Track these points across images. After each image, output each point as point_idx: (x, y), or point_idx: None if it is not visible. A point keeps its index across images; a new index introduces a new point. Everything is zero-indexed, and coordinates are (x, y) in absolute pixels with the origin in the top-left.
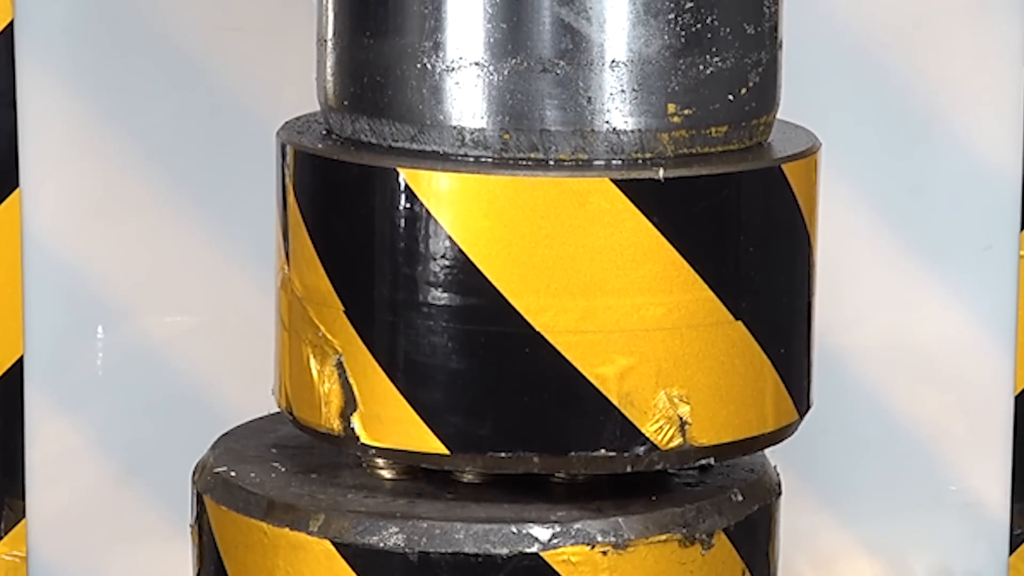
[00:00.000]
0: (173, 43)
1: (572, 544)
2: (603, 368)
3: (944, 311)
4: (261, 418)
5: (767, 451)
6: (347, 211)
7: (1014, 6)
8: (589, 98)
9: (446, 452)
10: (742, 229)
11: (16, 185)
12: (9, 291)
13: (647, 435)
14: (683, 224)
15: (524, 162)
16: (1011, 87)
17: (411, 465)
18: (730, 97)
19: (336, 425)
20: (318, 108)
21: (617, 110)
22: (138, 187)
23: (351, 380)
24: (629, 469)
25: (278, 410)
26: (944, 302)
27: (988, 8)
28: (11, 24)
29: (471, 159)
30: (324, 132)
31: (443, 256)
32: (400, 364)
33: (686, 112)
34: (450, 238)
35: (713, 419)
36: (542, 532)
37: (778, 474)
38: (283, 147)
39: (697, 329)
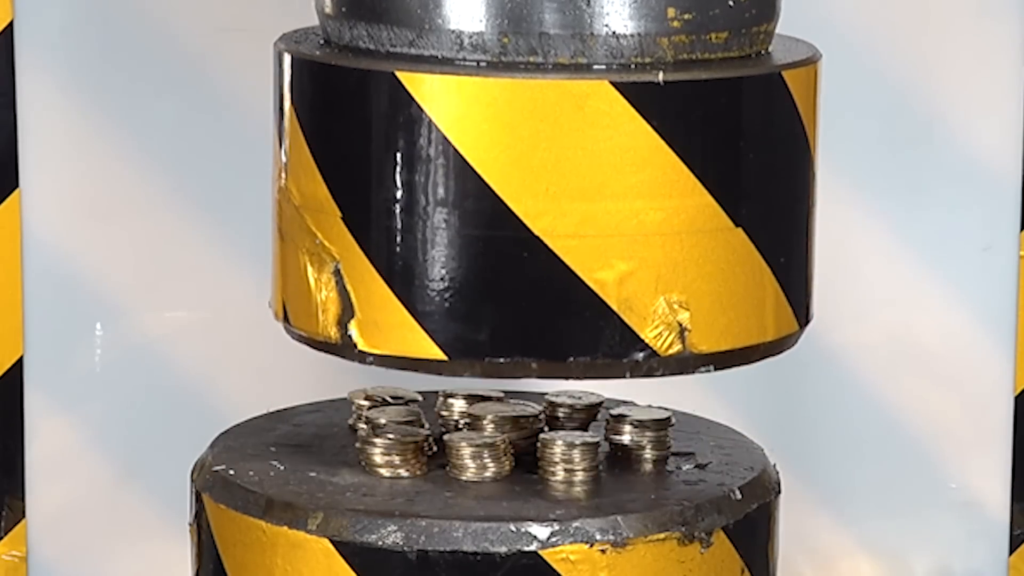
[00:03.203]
0: (172, 43)
1: (571, 542)
2: (602, 273)
3: (944, 311)
4: (260, 416)
5: (767, 450)
6: (345, 117)
7: (1014, 6)
8: (588, 1)
9: (444, 358)
10: (742, 135)
11: (16, 185)
12: (9, 291)
13: (646, 341)
14: (683, 129)
15: (523, 65)
16: (1011, 87)
17: (410, 463)
18: (730, 3)
19: (333, 333)
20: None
21: (616, 13)
22: (137, 187)
23: (348, 287)
24: (628, 376)
25: (277, 409)
26: (944, 302)
27: (988, 8)
28: (11, 24)
29: (470, 63)
30: (322, 41)
31: (441, 160)
32: (398, 270)
33: (686, 17)
34: (448, 142)
35: (712, 326)
36: (541, 530)
37: (777, 473)
38: (280, 56)
39: (697, 235)
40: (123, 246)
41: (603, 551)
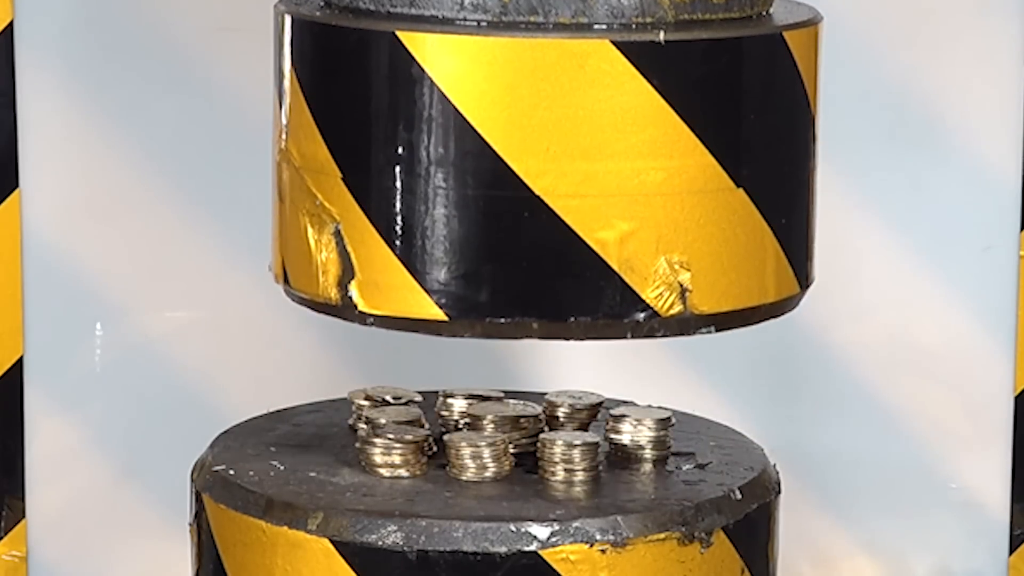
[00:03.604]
0: (172, 43)
1: (571, 542)
2: (603, 233)
3: (944, 311)
4: (260, 416)
5: (767, 450)
6: (345, 78)
7: (1014, 6)
8: None
9: (444, 318)
10: (743, 96)
11: (16, 185)
12: (9, 291)
13: (647, 301)
14: (684, 89)
15: (523, 25)
16: (1011, 87)
17: (410, 463)
18: None
19: (334, 294)
20: None
21: None
22: (137, 186)
23: (349, 248)
24: (629, 336)
25: (277, 409)
26: (944, 302)
27: (988, 8)
28: (11, 24)
29: (470, 23)
30: (322, 3)
31: (442, 120)
32: (398, 230)
33: None
34: (449, 102)
35: (714, 287)
36: (541, 530)
37: (777, 473)
38: (281, 17)
39: (698, 195)
40: (123, 246)
41: (603, 551)
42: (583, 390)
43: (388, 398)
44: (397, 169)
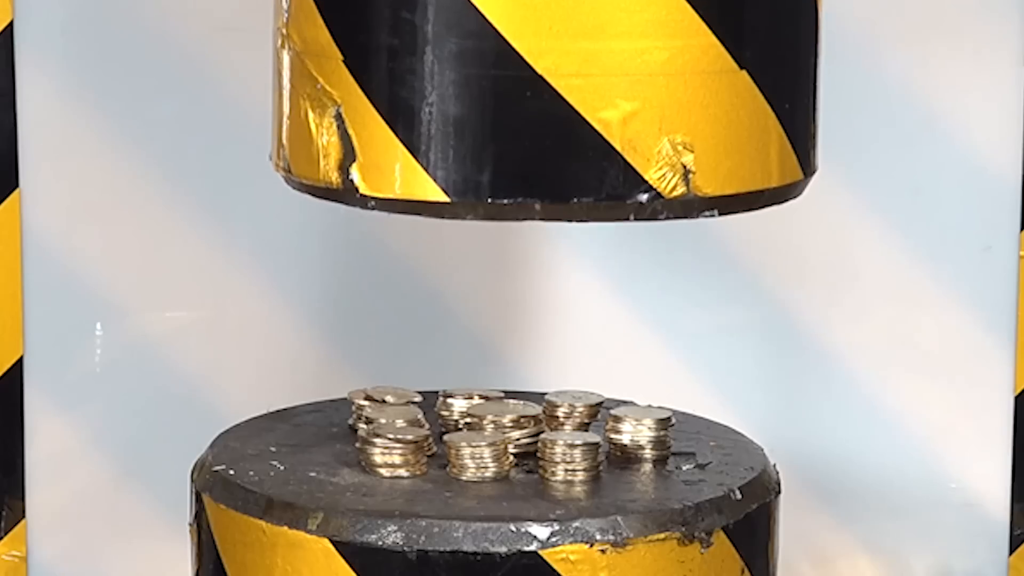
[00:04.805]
0: (172, 43)
1: (571, 542)
2: (606, 112)
3: (944, 311)
4: (260, 416)
5: (767, 450)
6: None
7: (1014, 6)
8: None
9: (446, 200)
10: None
11: (16, 185)
12: (9, 291)
13: (650, 182)
14: None
15: None
16: (1011, 87)
17: (410, 463)
18: None
19: (335, 178)
20: None
21: None
22: (137, 186)
23: (350, 131)
24: (631, 218)
25: (277, 409)
26: (944, 302)
27: (988, 8)
28: (11, 24)
29: None
30: None
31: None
32: (399, 112)
33: None
34: None
35: (717, 169)
36: (541, 530)
37: (777, 473)
38: None
39: (701, 76)
40: (123, 246)
41: (603, 551)
42: (583, 390)
43: (388, 398)
44: (397, 49)
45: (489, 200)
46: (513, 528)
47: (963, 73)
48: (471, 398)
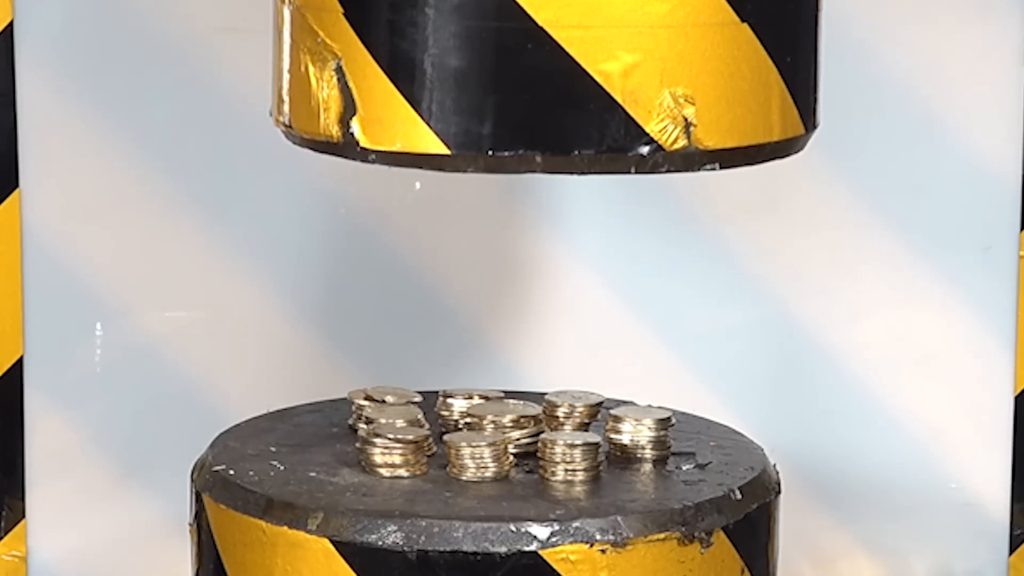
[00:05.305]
0: (172, 43)
1: (571, 542)
2: (607, 64)
3: (944, 311)
4: (260, 416)
5: (767, 450)
6: None
7: (1014, 6)
8: None
9: (447, 152)
10: None
11: (16, 185)
12: (9, 291)
13: (651, 134)
14: None
15: None
16: (1011, 87)
17: (410, 463)
18: None
19: (335, 131)
20: None
21: None
22: (137, 186)
23: (350, 84)
24: (632, 171)
25: (277, 409)
26: (944, 302)
27: (988, 8)
28: (11, 24)
29: None
30: None
31: None
32: (400, 64)
33: None
34: None
35: (718, 122)
36: (541, 530)
37: (777, 473)
38: None
39: (702, 28)
40: (123, 246)
41: (603, 551)
42: (583, 390)
43: (388, 398)
44: (399, 2)
45: (490, 152)
46: (513, 528)
47: (963, 73)
48: (471, 398)
